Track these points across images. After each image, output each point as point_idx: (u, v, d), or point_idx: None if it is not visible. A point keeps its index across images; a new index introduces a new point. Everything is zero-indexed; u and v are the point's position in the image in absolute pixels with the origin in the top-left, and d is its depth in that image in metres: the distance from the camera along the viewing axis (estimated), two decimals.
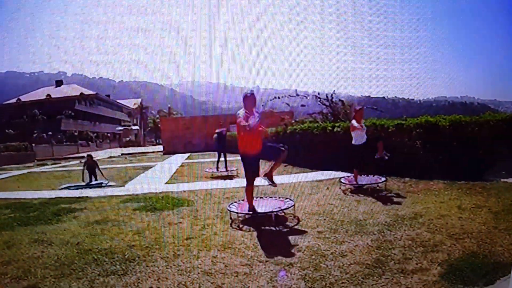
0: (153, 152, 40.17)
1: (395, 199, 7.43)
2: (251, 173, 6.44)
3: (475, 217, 5.76)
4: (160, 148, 41.85)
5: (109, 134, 74.32)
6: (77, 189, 11.57)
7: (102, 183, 12.42)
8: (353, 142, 8.63)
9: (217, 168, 13.69)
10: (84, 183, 12.22)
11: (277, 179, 6.91)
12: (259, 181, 6.75)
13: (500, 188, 7.56)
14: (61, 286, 4.10)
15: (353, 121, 8.56)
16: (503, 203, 6.42)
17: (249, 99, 6.35)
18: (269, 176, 6.55)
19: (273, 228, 5.91)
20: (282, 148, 6.45)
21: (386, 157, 8.43)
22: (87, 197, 9.55)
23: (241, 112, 6.26)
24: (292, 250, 4.84)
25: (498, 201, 6.62)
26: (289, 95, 18.52)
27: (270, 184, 6.63)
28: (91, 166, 12.77)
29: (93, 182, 12.47)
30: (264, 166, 6.65)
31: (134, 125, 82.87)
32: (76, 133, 60.69)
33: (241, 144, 6.40)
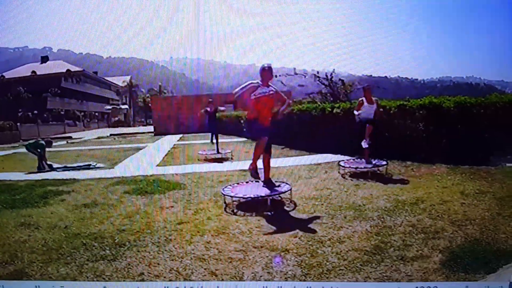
0: (143, 132, 40.05)
1: (396, 184, 7.46)
2: (257, 134, 6.76)
3: (479, 203, 5.80)
4: (150, 128, 41.71)
5: (97, 114, 73.92)
6: (64, 170, 11.56)
7: (90, 164, 12.40)
8: (357, 120, 8.68)
9: (218, 150, 13.54)
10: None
11: (273, 162, 6.96)
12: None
13: (505, 173, 7.60)
14: (49, 271, 4.13)
15: (361, 99, 8.71)
16: (508, 189, 6.45)
17: (265, 71, 6.64)
18: (253, 168, 6.85)
19: (268, 213, 5.95)
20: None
21: (366, 144, 8.51)
22: (74, 179, 9.55)
23: (254, 82, 6.61)
24: (288, 236, 4.88)
25: (503, 186, 6.66)
26: (287, 74, 18.45)
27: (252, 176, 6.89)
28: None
29: (78, 164, 12.45)
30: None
31: (123, 104, 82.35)
32: (62, 112, 60.32)
33: (250, 111, 6.77)
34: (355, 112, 8.80)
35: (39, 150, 11.82)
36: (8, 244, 5.02)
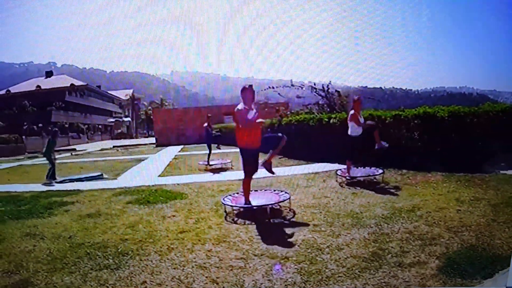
0: (145, 144, 40.12)
1: (392, 192, 7.45)
2: (251, 167, 6.45)
3: (474, 209, 5.79)
4: (152, 140, 41.77)
5: (100, 126, 73.99)
6: (71, 181, 11.52)
7: (102, 174, 12.42)
8: (349, 132, 8.67)
9: (208, 162, 13.58)
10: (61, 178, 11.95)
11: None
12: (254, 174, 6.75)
13: (499, 180, 7.60)
14: (53, 280, 4.11)
15: (352, 111, 8.63)
16: (502, 196, 6.45)
17: (248, 92, 6.36)
18: (267, 164, 6.60)
19: (268, 221, 5.93)
20: (280, 135, 6.63)
21: (386, 145, 8.49)
22: (78, 190, 9.54)
23: (240, 107, 6.29)
24: (288, 244, 4.86)
25: (497, 193, 6.65)
26: (284, 86, 18.50)
27: (268, 172, 6.66)
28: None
29: (90, 175, 12.43)
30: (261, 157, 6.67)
31: (125, 116, 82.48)
32: (66, 125, 60.38)
33: (241, 138, 6.41)
34: (352, 125, 8.72)
35: (54, 157, 11.79)
36: (13, 254, 5.00)
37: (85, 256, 4.79)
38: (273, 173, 6.78)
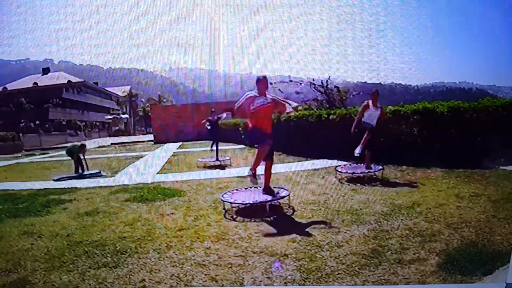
0: (143, 141, 40.06)
1: (392, 188, 7.45)
2: (260, 141, 6.62)
3: (474, 205, 5.79)
4: (150, 137, 41.71)
5: (98, 123, 73.93)
6: (69, 179, 11.50)
7: (100, 172, 12.40)
8: (363, 119, 8.69)
9: (217, 158, 13.41)
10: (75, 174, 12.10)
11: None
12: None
13: (499, 176, 7.60)
14: (51, 278, 4.11)
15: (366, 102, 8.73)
16: (502, 191, 6.46)
17: (261, 82, 6.63)
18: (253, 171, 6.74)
19: (267, 218, 5.92)
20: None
21: (359, 152, 8.54)
22: (76, 188, 9.51)
23: (251, 93, 6.58)
24: (287, 241, 4.86)
25: (497, 189, 6.66)
26: (281, 81, 18.46)
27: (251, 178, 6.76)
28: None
29: (88, 172, 12.42)
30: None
31: (123, 113, 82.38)
32: (64, 122, 60.28)
33: (250, 121, 6.63)
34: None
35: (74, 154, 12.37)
36: (11, 253, 5.00)
37: (83, 254, 4.79)
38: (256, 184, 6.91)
